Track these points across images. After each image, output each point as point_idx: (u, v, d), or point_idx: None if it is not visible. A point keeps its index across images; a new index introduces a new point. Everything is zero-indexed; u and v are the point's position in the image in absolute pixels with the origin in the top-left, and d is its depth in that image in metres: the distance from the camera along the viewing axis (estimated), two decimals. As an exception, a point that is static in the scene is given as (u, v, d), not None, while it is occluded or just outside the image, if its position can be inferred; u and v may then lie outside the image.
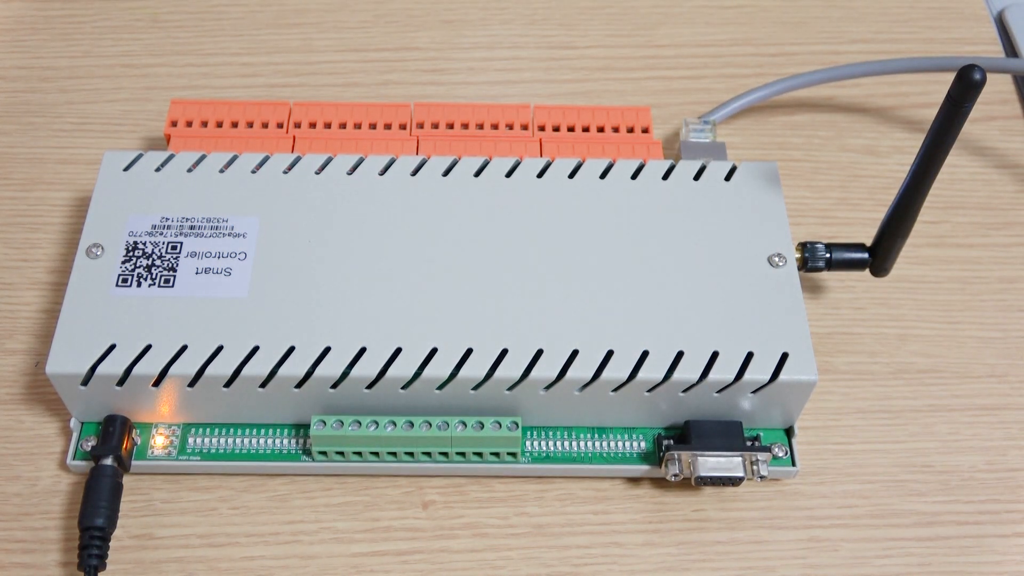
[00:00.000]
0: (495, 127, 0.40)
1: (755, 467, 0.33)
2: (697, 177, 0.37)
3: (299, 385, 0.32)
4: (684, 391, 0.33)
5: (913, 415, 0.37)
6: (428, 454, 0.34)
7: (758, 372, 0.32)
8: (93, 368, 0.32)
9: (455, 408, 0.33)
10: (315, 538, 0.33)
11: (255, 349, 0.32)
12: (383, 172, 0.37)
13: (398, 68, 0.47)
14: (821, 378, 0.37)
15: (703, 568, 0.33)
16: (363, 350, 0.32)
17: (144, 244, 0.35)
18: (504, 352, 0.33)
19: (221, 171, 0.37)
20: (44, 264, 0.39)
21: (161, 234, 0.35)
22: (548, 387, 0.33)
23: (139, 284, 0.34)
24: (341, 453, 0.33)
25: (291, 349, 0.32)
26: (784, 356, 0.33)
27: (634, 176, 0.37)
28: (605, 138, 0.40)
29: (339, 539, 0.33)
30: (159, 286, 0.34)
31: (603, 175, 0.37)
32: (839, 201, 0.42)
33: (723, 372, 0.32)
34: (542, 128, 0.40)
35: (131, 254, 0.34)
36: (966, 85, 0.30)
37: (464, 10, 0.49)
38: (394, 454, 0.34)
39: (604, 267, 0.35)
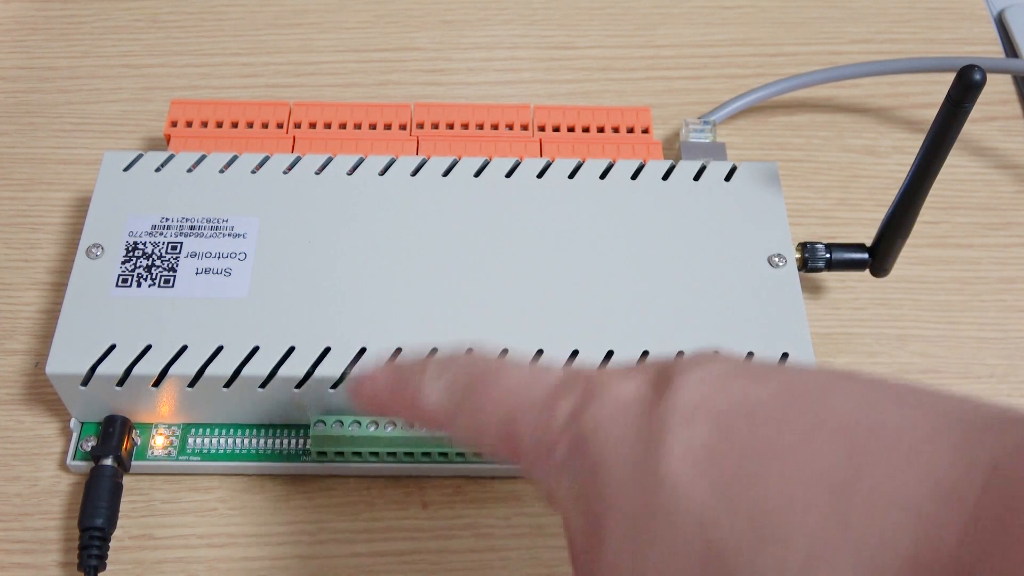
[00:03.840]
0: (495, 127, 0.40)
1: (755, 467, 0.33)
2: (697, 177, 0.37)
3: (299, 385, 0.32)
4: (684, 391, 0.33)
5: (913, 415, 0.37)
6: (428, 454, 0.34)
7: (758, 372, 0.32)
8: (93, 368, 0.32)
9: (455, 408, 0.33)
10: (315, 538, 0.33)
11: (255, 349, 0.32)
12: (383, 172, 0.37)
13: (398, 68, 0.47)
14: (821, 378, 0.37)
15: (703, 568, 0.33)
16: (363, 350, 0.32)
17: (144, 244, 0.35)
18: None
19: (221, 171, 0.37)
20: (44, 264, 0.39)
21: (161, 234, 0.35)
22: (548, 387, 0.33)
23: (139, 284, 0.34)
24: (341, 453, 0.33)
25: (291, 349, 0.32)
26: (784, 356, 0.33)
27: (634, 176, 0.37)
28: (605, 138, 0.40)
29: (339, 539, 0.33)
30: (159, 286, 0.34)
31: (603, 175, 0.37)
32: (839, 201, 0.42)
33: (723, 372, 0.32)
34: (542, 128, 0.40)
35: (131, 254, 0.34)
36: (966, 85, 0.30)
37: (464, 10, 0.49)
38: (394, 454, 0.33)
39: (604, 267, 0.35)
